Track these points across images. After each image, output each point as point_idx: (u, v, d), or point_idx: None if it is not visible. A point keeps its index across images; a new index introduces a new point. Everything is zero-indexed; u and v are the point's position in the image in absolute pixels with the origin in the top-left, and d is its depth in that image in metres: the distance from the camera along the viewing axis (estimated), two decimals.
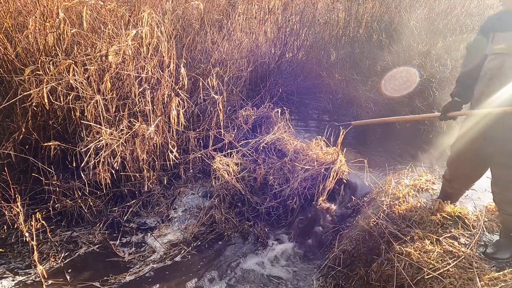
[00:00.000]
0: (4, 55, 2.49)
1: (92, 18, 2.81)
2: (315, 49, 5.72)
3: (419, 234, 2.06)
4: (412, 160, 3.49)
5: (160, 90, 2.82)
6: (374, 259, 2.15)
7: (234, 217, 2.98)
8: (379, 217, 2.32)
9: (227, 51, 3.99)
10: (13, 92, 2.49)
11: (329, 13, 5.70)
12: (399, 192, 2.53)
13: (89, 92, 2.52)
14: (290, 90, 5.33)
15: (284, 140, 3.44)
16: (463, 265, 1.83)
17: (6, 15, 2.52)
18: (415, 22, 4.66)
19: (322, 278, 2.39)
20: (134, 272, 2.47)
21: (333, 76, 5.34)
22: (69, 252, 2.60)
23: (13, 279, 2.31)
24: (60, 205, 2.70)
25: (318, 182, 2.99)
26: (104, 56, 2.53)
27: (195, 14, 3.83)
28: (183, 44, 3.53)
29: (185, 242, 2.80)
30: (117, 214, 2.91)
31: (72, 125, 2.74)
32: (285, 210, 3.05)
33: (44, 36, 2.45)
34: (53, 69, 2.38)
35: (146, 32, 2.59)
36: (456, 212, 2.20)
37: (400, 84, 4.49)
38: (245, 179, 3.19)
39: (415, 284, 1.81)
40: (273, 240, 2.86)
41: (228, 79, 3.73)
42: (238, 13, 4.32)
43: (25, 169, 2.71)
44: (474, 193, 2.52)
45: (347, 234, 2.57)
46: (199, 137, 3.47)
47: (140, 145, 2.76)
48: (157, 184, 3.13)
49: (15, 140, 2.50)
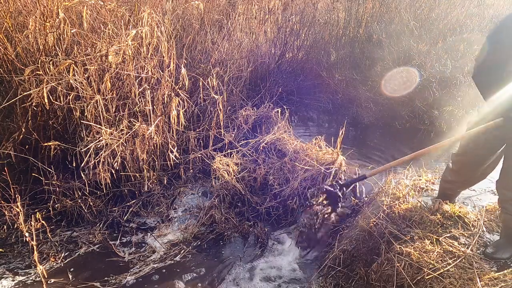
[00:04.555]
0: (4, 55, 2.49)
1: (92, 18, 2.81)
2: (315, 49, 5.72)
3: (419, 234, 2.06)
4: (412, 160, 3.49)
5: (160, 90, 2.82)
6: (374, 259, 2.16)
7: (234, 217, 2.97)
8: (379, 217, 2.32)
9: (227, 51, 3.99)
10: (13, 92, 2.49)
11: (329, 13, 5.70)
12: (399, 192, 2.53)
13: (89, 92, 2.52)
14: (290, 90, 5.33)
15: (284, 140, 3.44)
16: (463, 265, 1.83)
17: (6, 15, 2.52)
18: (415, 22, 4.66)
19: (322, 278, 2.39)
20: (134, 272, 2.47)
21: (333, 76, 5.34)
22: (69, 252, 2.60)
23: (13, 279, 2.31)
24: (60, 205, 2.70)
25: (318, 182, 2.99)
26: (104, 56, 2.53)
27: (195, 14, 3.82)
28: (183, 44, 3.53)
29: (185, 242, 2.80)
30: (117, 214, 2.91)
31: (72, 125, 2.74)
32: (285, 210, 3.05)
33: (44, 36, 2.45)
34: (53, 69, 2.38)
35: (146, 32, 2.59)
36: (456, 212, 2.20)
37: (400, 84, 4.50)
38: (245, 179, 3.19)
39: (415, 284, 1.81)
40: (273, 240, 2.86)
41: (228, 79, 3.73)
42: (238, 13, 4.32)
43: (25, 169, 2.71)
44: (474, 193, 2.52)
45: (347, 234, 2.57)
46: (199, 137, 3.47)
47: (140, 145, 2.76)
48: (157, 184, 3.13)
49: (15, 140, 2.50)
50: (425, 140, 4.27)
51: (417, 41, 4.54)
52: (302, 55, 5.77)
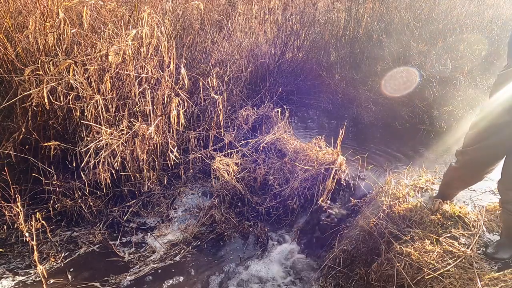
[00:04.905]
0: (4, 55, 2.49)
1: (92, 18, 2.81)
2: (315, 49, 5.72)
3: (419, 234, 2.06)
4: (412, 160, 3.49)
5: (160, 90, 2.82)
6: (374, 259, 2.16)
7: (234, 217, 2.97)
8: (379, 217, 2.32)
9: (227, 51, 3.99)
10: (13, 92, 2.49)
11: (329, 13, 5.70)
12: (399, 192, 2.53)
13: (89, 92, 2.52)
14: (290, 90, 5.33)
15: (284, 140, 3.43)
16: (463, 265, 1.83)
17: (6, 15, 2.52)
18: (415, 22, 4.66)
19: (322, 278, 2.39)
20: (134, 272, 2.47)
21: (333, 76, 5.34)
22: (69, 252, 2.60)
23: (13, 279, 2.31)
24: (60, 205, 2.70)
25: (318, 182, 2.99)
26: (104, 56, 2.53)
27: (195, 14, 3.82)
28: (183, 44, 3.53)
29: (185, 242, 2.80)
30: (117, 214, 2.91)
31: (72, 125, 2.74)
32: (285, 210, 3.05)
33: (44, 36, 2.45)
34: (53, 69, 2.38)
35: (146, 32, 2.59)
36: (456, 212, 2.20)
37: (400, 84, 4.49)
38: (245, 179, 3.19)
39: (415, 284, 1.81)
40: (273, 240, 2.86)
41: (228, 79, 3.73)
42: (238, 13, 4.32)
43: (25, 169, 2.71)
44: (474, 193, 2.52)
45: (347, 234, 2.57)
46: (199, 137, 3.47)
47: (140, 145, 2.76)
48: (157, 184, 3.13)
49: (15, 140, 2.50)
50: (425, 140, 4.27)
51: (417, 41, 4.53)
52: (302, 55, 5.77)
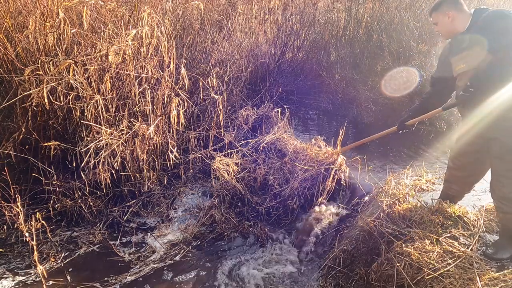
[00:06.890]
0: (4, 55, 2.49)
1: (92, 18, 2.81)
2: (315, 49, 5.72)
3: (419, 234, 2.06)
4: (412, 160, 3.49)
5: (160, 90, 2.82)
6: (374, 259, 2.15)
7: (234, 217, 2.97)
8: (379, 217, 2.32)
9: (227, 51, 3.99)
10: (13, 92, 2.49)
11: (329, 13, 5.71)
12: (399, 192, 2.53)
13: (89, 92, 2.52)
14: (290, 90, 5.34)
15: (284, 140, 3.43)
16: (463, 265, 1.83)
17: (6, 15, 2.52)
18: (415, 22, 4.66)
19: (322, 278, 2.39)
20: (134, 272, 2.47)
21: (333, 76, 5.34)
22: (69, 252, 2.60)
23: (13, 279, 2.31)
24: (60, 205, 2.70)
25: (318, 182, 2.99)
26: (104, 56, 2.53)
27: (195, 14, 3.83)
28: (183, 44, 3.53)
29: (185, 242, 2.80)
30: (117, 214, 2.90)
31: (72, 125, 2.74)
32: (285, 210, 3.05)
33: (44, 36, 2.45)
34: (53, 69, 2.38)
35: (146, 32, 2.59)
36: (456, 212, 2.20)
37: (400, 84, 4.50)
38: (245, 179, 3.19)
39: (415, 284, 1.81)
40: (273, 240, 2.86)
41: (228, 79, 3.73)
42: (238, 13, 4.32)
43: (25, 169, 2.71)
44: (474, 193, 2.52)
45: (347, 234, 2.57)
46: (199, 137, 3.47)
47: (140, 145, 2.76)
48: (157, 184, 3.13)
49: (15, 140, 2.50)
50: (425, 140, 4.27)
51: (417, 41, 4.54)
52: (302, 55, 5.78)
